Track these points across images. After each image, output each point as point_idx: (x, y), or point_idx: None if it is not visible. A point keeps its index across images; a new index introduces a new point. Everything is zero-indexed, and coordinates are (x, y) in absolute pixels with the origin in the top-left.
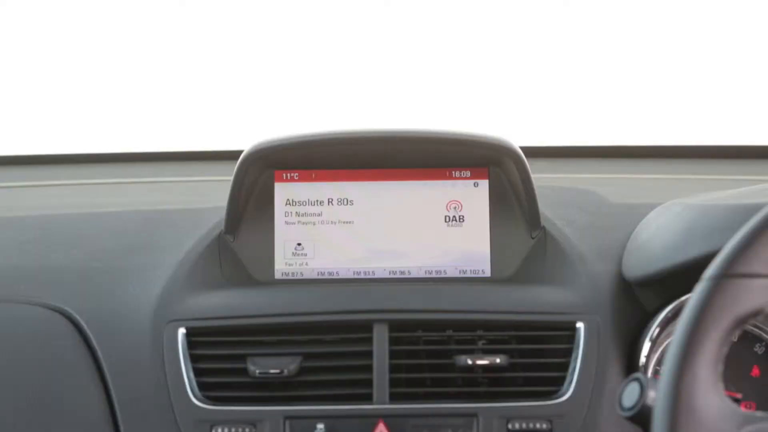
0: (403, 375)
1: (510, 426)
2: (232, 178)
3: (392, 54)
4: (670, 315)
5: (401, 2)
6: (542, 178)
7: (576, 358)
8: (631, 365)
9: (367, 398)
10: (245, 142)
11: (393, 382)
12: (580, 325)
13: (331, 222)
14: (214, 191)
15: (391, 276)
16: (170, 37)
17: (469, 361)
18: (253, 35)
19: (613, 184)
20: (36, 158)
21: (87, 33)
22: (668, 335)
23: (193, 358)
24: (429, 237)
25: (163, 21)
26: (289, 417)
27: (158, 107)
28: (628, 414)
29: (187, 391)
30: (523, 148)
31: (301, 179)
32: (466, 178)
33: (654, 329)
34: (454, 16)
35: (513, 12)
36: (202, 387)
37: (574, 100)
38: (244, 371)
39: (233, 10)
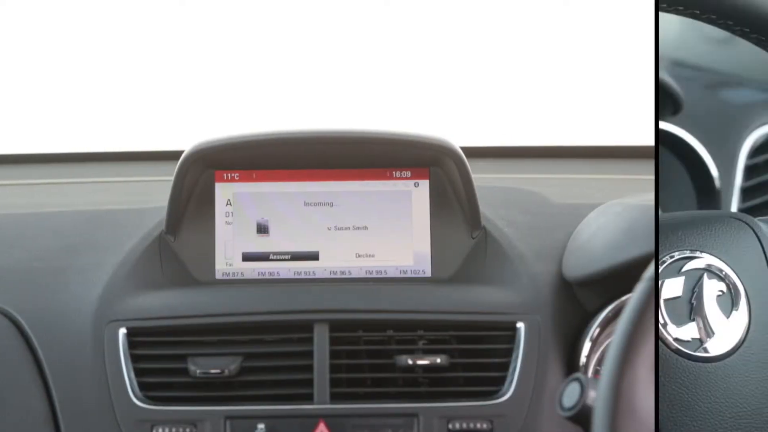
0: (344, 375)
1: (450, 426)
2: (172, 178)
3: (335, 54)
4: (610, 315)
5: (343, 3)
6: (483, 178)
7: (516, 358)
8: (571, 365)
9: (308, 398)
10: (187, 142)
11: (333, 382)
12: (520, 325)
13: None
14: (156, 191)
15: (332, 276)
16: (116, 37)
17: (410, 361)
18: (195, 34)
19: (554, 184)
20: None
21: (45, 32)
22: (608, 335)
23: (134, 358)
24: None
25: (114, 20)
26: (230, 417)
27: (99, 107)
28: (569, 414)
29: (127, 391)
30: (464, 149)
31: (242, 179)
32: (406, 178)
33: (594, 329)
34: (394, 16)
35: (452, 11)
36: (143, 387)
37: (514, 100)
38: (185, 371)
39: (177, 9)
